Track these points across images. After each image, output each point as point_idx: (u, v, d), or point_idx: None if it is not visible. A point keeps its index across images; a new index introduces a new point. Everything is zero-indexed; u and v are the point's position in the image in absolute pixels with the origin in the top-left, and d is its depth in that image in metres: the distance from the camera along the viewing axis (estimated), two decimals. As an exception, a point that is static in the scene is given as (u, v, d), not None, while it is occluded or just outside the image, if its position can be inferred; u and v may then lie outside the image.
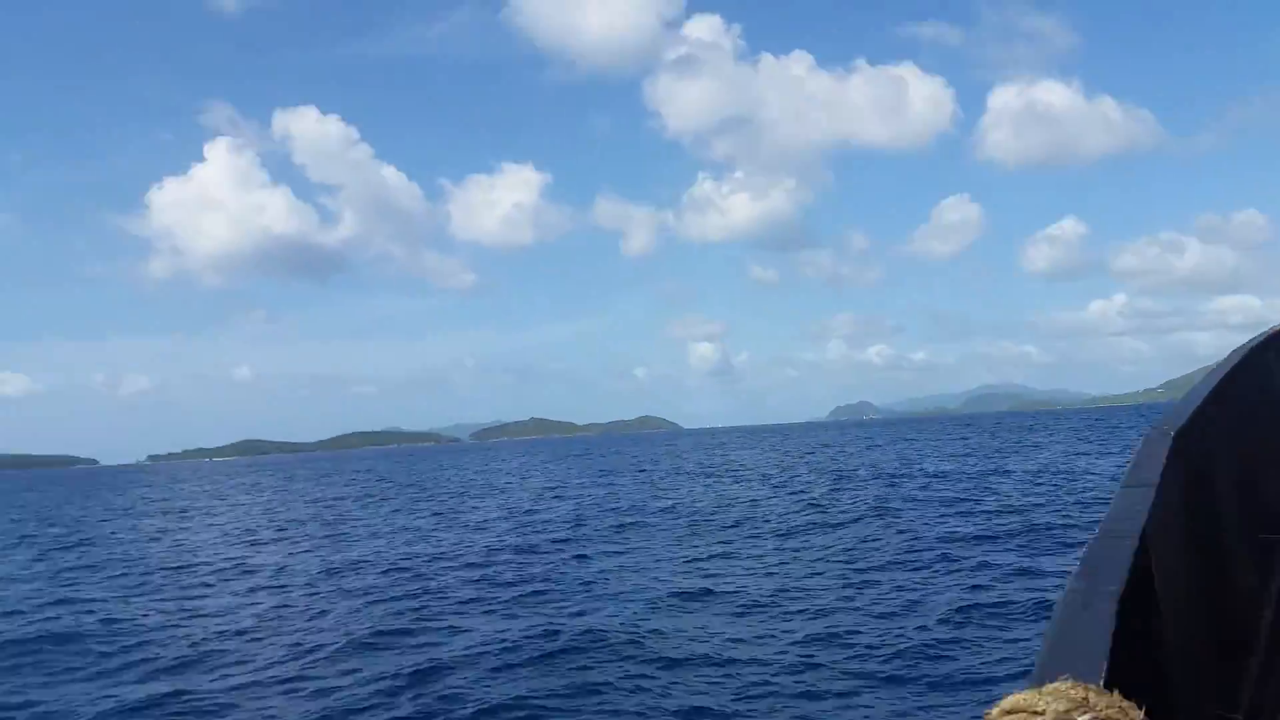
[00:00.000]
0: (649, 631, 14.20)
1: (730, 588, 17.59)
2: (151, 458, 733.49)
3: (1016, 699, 1.07)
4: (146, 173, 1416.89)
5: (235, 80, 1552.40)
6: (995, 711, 1.07)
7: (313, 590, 20.39)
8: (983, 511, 26.39)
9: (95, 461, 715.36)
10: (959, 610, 14.27)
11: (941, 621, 13.73)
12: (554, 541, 25.81)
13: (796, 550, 21.96)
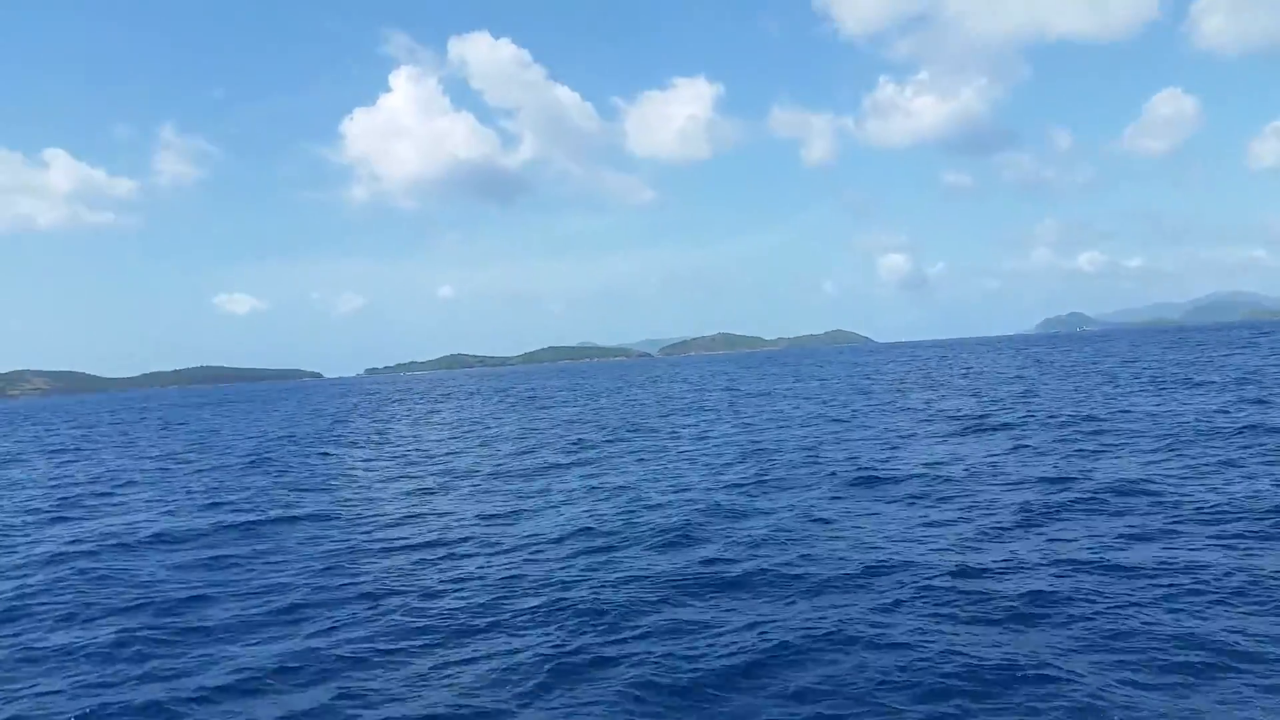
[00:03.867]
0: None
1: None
2: (369, 371, 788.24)
3: None
4: (338, 104, 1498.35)
5: (409, 10, 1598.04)
6: None
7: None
8: None
9: (319, 375, 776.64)
10: None
11: None
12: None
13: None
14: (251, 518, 19.78)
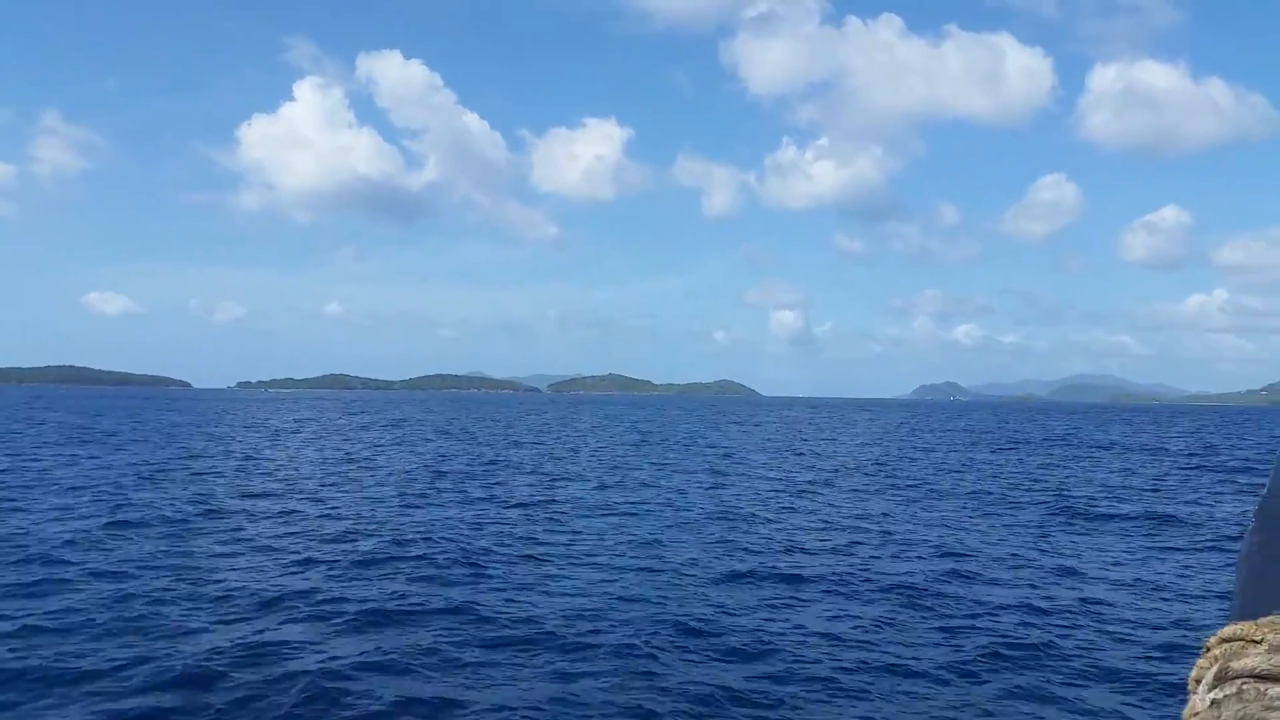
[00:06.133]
0: None
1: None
2: (241, 384, 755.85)
3: (1234, 628, 1.13)
4: (235, 108, 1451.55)
5: (316, 21, 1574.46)
6: (1214, 639, 1.13)
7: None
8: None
9: (187, 384, 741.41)
10: None
11: None
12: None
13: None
14: None
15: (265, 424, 68.92)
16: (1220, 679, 1.08)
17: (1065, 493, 28.59)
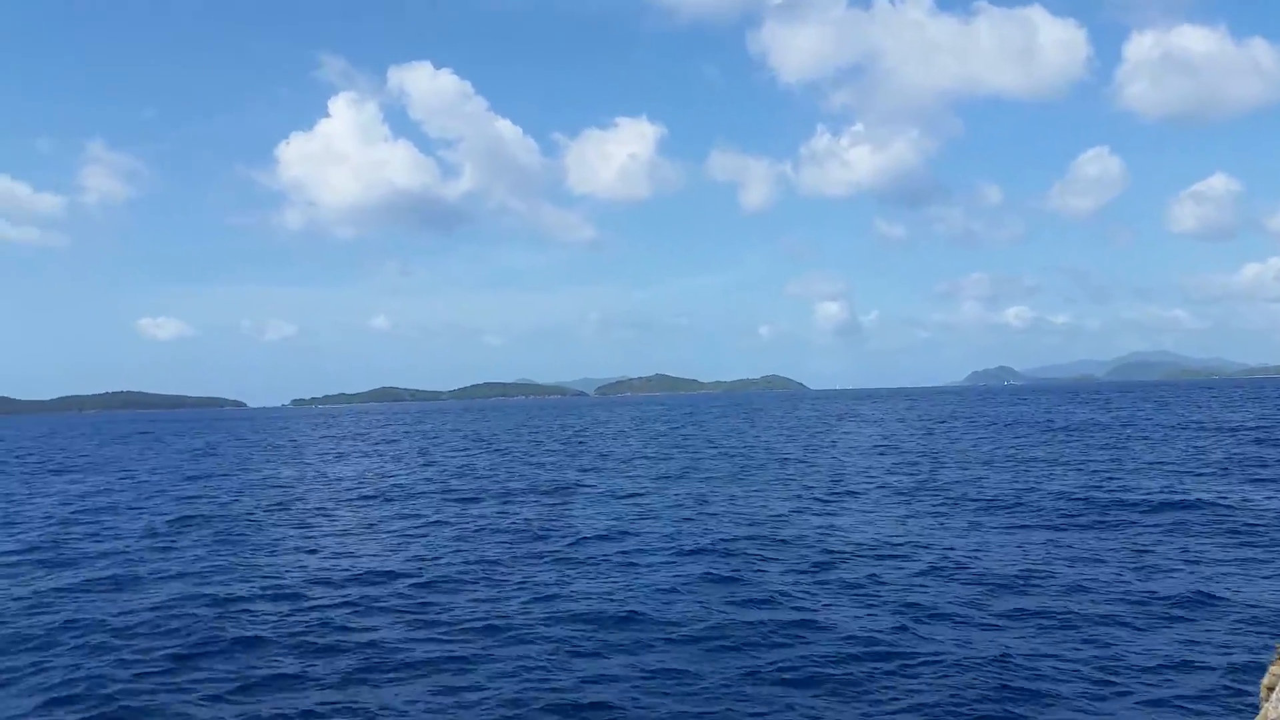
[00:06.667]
0: None
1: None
2: (295, 402, 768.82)
3: None
4: (273, 128, 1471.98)
5: (345, 36, 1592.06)
6: None
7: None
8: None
9: (242, 404, 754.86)
10: None
11: None
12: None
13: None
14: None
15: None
16: None
17: (1108, 488, 28.52)
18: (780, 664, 11.67)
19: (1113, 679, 10.58)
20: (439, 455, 50.79)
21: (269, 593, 16.81)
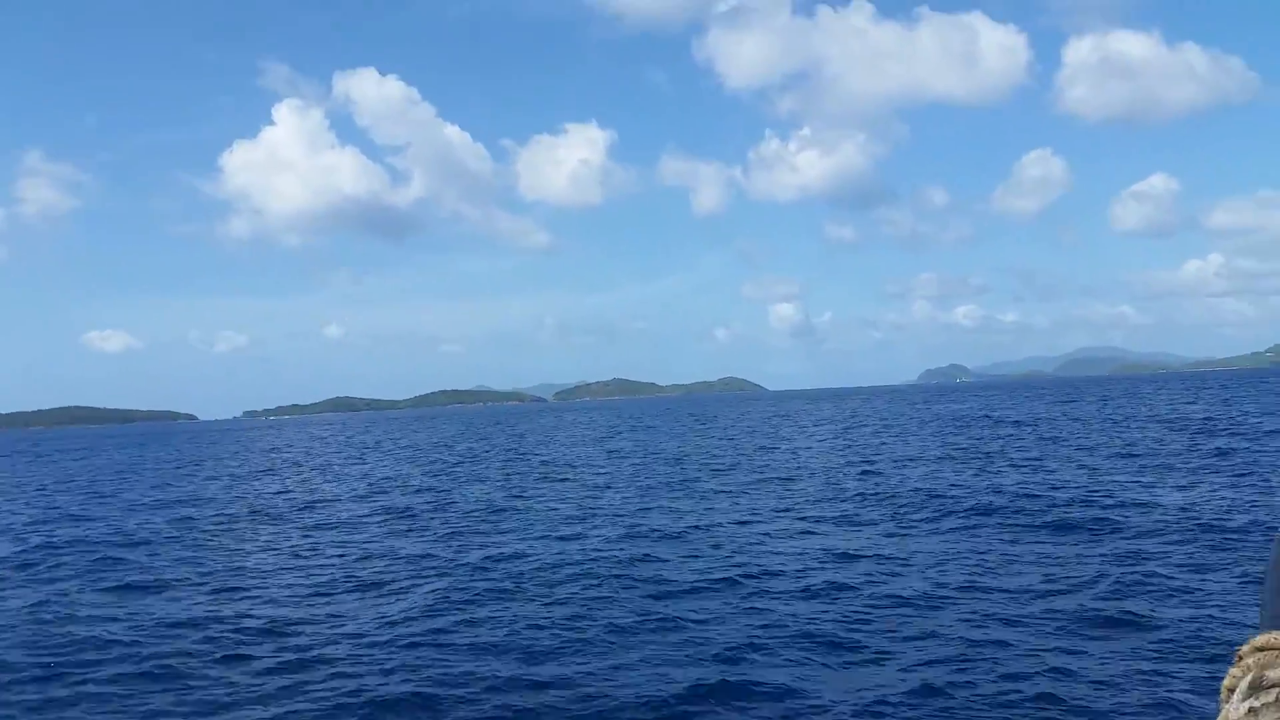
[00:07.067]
0: None
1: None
2: (248, 414, 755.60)
3: (1267, 637, 1.14)
4: (216, 136, 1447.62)
5: (288, 43, 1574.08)
6: (1246, 648, 1.15)
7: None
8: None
9: (194, 417, 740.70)
10: None
11: None
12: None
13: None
14: None
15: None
16: (1256, 687, 1.09)
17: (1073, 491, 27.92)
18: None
19: (1067, 679, 10.23)
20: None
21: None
